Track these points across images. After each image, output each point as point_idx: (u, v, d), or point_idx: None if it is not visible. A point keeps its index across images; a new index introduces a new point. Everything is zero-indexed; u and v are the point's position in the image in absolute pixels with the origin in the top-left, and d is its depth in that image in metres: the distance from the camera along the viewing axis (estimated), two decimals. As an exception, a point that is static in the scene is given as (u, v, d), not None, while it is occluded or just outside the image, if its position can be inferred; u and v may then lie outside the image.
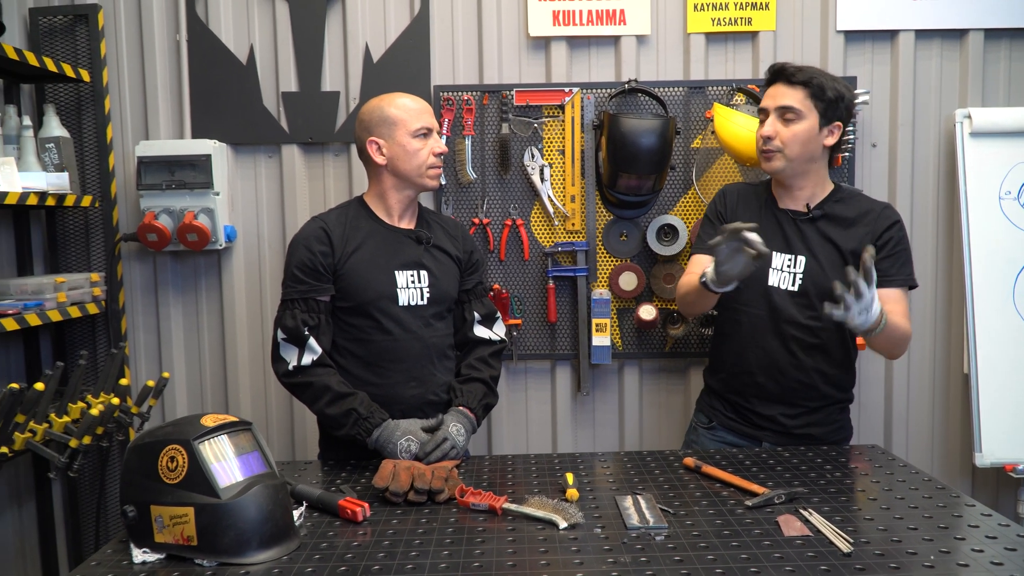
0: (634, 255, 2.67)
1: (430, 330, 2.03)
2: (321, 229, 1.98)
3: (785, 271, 2.00)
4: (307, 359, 1.91)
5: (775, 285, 2.01)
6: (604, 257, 2.68)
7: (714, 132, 2.49)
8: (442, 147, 2.03)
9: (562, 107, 2.62)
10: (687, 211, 2.66)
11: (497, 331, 2.17)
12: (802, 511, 1.51)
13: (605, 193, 2.63)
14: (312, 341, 1.91)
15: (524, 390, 2.79)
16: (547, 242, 2.67)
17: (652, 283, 2.66)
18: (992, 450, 2.54)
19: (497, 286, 2.64)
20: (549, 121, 2.63)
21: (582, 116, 2.61)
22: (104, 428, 2.23)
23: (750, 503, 1.56)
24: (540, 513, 1.51)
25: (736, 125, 2.37)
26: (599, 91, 2.62)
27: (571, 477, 1.68)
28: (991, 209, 2.58)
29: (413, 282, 2.01)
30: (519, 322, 2.69)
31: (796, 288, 1.99)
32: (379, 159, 2.00)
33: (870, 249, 1.67)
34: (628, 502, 1.57)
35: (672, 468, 1.81)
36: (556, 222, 2.66)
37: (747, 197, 2.12)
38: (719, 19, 2.63)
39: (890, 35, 2.65)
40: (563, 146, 2.64)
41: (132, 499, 1.39)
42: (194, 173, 2.56)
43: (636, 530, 1.44)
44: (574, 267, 2.65)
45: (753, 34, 2.65)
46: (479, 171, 2.65)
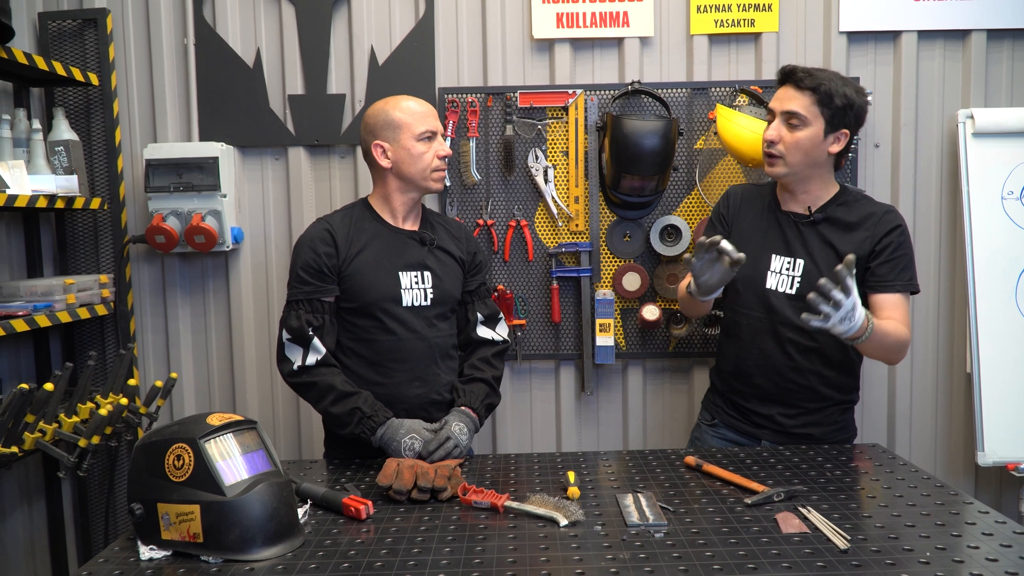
0: (637, 256, 2.68)
1: (434, 330, 2.05)
2: (326, 231, 2.00)
3: (784, 274, 2.00)
4: (311, 359, 1.93)
5: (773, 288, 2.01)
6: (608, 258, 2.69)
7: (717, 133, 2.50)
8: (446, 150, 2.05)
9: (566, 109, 2.63)
10: (690, 212, 2.67)
11: (500, 332, 2.19)
12: (800, 509, 1.52)
13: (608, 194, 2.64)
14: (316, 341, 1.93)
15: (528, 390, 2.80)
16: (551, 243, 2.69)
17: (655, 283, 2.67)
18: (994, 449, 2.54)
19: (502, 287, 2.66)
20: (553, 123, 2.65)
21: (586, 117, 2.63)
22: (113, 428, 2.26)
23: (749, 501, 1.57)
24: (541, 511, 1.53)
25: (739, 126, 2.38)
26: (602, 93, 2.63)
27: (572, 475, 1.70)
28: (994, 209, 2.58)
29: (417, 283, 2.03)
30: (523, 322, 2.70)
31: (794, 291, 1.98)
32: (384, 162, 2.01)
33: (849, 258, 1.65)
34: (629, 500, 1.59)
35: (674, 467, 1.83)
36: (560, 223, 2.67)
37: (751, 199, 2.12)
38: (722, 20, 2.64)
39: (893, 36, 2.65)
40: (567, 147, 2.65)
41: (139, 497, 1.41)
42: (201, 175, 2.58)
43: (636, 528, 1.46)
44: (578, 268, 2.67)
45: (756, 35, 2.66)
46: (483, 173, 2.67)
